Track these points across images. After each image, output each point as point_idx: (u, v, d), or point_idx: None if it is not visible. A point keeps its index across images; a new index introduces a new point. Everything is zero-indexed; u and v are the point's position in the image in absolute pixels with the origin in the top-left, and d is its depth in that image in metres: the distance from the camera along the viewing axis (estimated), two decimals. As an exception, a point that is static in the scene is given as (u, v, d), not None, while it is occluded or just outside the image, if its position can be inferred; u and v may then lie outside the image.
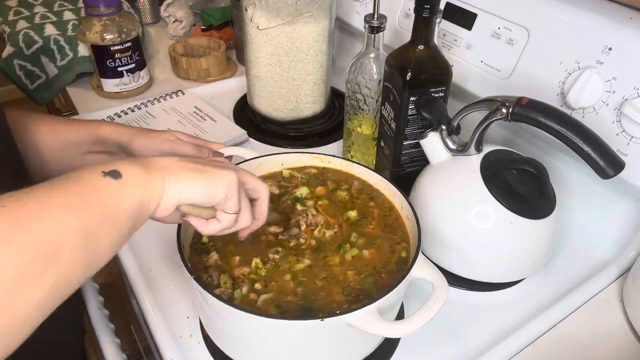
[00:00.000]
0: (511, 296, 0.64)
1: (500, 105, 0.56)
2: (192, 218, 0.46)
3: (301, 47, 0.82)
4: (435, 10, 0.60)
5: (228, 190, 0.45)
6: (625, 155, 0.60)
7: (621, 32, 0.60)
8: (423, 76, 0.63)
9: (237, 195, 0.46)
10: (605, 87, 0.60)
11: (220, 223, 0.47)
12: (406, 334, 0.45)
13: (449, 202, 0.61)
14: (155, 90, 1.03)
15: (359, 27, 0.95)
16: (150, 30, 1.27)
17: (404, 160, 0.71)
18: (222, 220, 0.47)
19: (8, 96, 1.53)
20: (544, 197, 0.60)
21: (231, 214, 0.46)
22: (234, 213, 0.46)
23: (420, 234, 0.52)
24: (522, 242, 0.60)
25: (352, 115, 0.78)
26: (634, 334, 0.60)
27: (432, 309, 0.45)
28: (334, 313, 0.45)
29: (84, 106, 0.97)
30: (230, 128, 0.89)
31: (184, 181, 0.43)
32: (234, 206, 0.46)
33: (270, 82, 0.86)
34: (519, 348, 0.57)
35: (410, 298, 0.60)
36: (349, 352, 0.51)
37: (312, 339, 0.47)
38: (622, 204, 0.67)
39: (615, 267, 0.66)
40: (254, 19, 0.80)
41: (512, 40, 0.70)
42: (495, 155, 0.61)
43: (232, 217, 0.47)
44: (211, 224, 0.47)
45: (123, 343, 0.66)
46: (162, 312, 0.60)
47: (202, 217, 0.46)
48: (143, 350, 1.04)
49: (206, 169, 0.44)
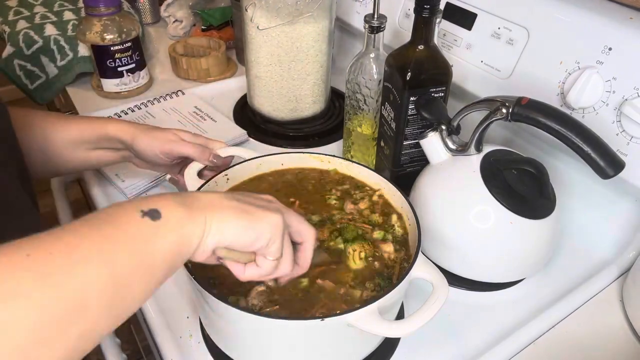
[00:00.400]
0: (511, 296, 0.64)
1: (500, 105, 0.56)
2: (229, 262, 0.43)
3: (301, 47, 0.82)
4: (435, 10, 0.60)
5: (272, 235, 0.41)
6: (625, 155, 0.60)
7: (621, 32, 0.60)
8: (423, 76, 0.63)
9: (280, 240, 0.42)
10: (605, 87, 0.60)
11: (259, 269, 0.43)
12: (406, 334, 0.45)
13: (449, 202, 0.61)
14: (155, 90, 1.03)
15: (359, 27, 0.95)
16: (150, 30, 1.27)
17: (404, 160, 0.71)
18: (262, 266, 0.43)
19: (8, 96, 1.53)
20: (544, 197, 0.60)
21: (272, 260, 0.43)
22: (275, 259, 0.43)
23: (420, 234, 0.52)
24: (522, 242, 0.60)
25: (352, 115, 0.78)
26: (634, 334, 0.60)
27: (432, 309, 0.45)
28: (334, 313, 0.45)
29: (84, 106, 0.97)
30: (230, 128, 0.89)
31: (226, 222, 0.39)
32: (276, 252, 0.43)
33: (270, 82, 0.86)
34: (519, 348, 0.57)
35: (410, 298, 0.60)
36: (349, 352, 0.51)
37: (312, 338, 0.47)
38: (622, 204, 0.67)
39: (615, 267, 0.66)
40: (254, 19, 0.80)
41: (512, 40, 0.70)
42: (495, 155, 0.61)
43: (273, 263, 0.43)
44: (249, 269, 0.44)
45: (123, 343, 0.66)
46: (162, 312, 0.60)
47: (240, 262, 0.43)
48: (143, 350, 1.05)
49: (251, 210, 0.41)
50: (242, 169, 0.62)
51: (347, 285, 0.51)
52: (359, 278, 0.52)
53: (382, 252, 0.55)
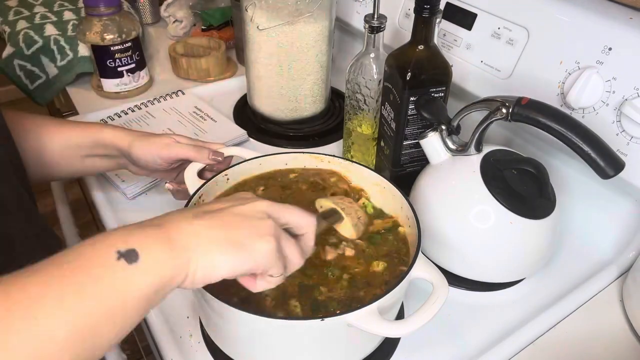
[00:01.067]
0: (511, 296, 0.64)
1: (500, 105, 0.56)
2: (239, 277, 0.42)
3: (301, 47, 0.82)
4: (435, 10, 0.60)
5: (267, 262, 0.40)
6: (625, 155, 0.60)
7: (621, 32, 0.60)
8: (423, 76, 0.63)
9: (278, 262, 0.41)
10: (605, 87, 0.60)
11: (269, 281, 0.42)
12: (406, 334, 0.45)
13: (449, 202, 0.61)
14: (155, 90, 1.03)
15: (359, 27, 0.95)
16: (150, 30, 1.27)
17: (403, 160, 0.71)
18: (271, 281, 0.42)
19: (8, 96, 1.53)
20: (544, 197, 0.60)
21: (278, 276, 0.42)
22: (280, 274, 0.42)
23: (420, 234, 0.52)
24: (522, 242, 0.60)
25: (352, 115, 0.78)
26: (634, 334, 0.60)
27: (432, 308, 0.45)
28: (334, 313, 0.45)
29: (84, 106, 0.97)
30: (230, 128, 0.89)
31: (215, 262, 0.37)
32: (278, 270, 0.41)
33: (270, 82, 0.86)
34: (519, 348, 0.57)
35: (410, 298, 0.60)
36: (349, 352, 0.51)
37: (312, 338, 0.47)
38: (622, 204, 0.67)
39: (615, 267, 0.66)
40: (254, 19, 0.80)
41: (512, 40, 0.70)
42: (495, 155, 0.61)
43: (280, 275, 0.42)
44: (260, 282, 0.42)
45: (123, 343, 0.66)
46: (162, 312, 0.60)
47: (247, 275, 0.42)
48: (143, 350, 1.05)
49: (239, 240, 0.39)
50: (242, 169, 0.62)
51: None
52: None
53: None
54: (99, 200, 0.76)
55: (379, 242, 0.57)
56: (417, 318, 0.45)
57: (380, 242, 0.57)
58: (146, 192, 0.77)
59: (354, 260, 0.54)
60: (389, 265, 0.54)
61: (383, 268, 0.54)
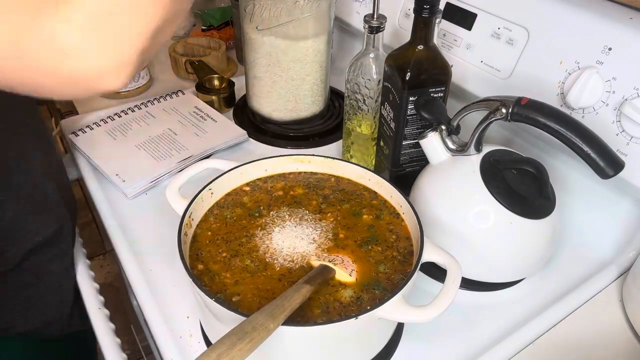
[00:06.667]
0: (511, 296, 0.64)
1: (500, 105, 0.56)
2: None
3: (300, 48, 0.82)
4: (435, 10, 0.60)
5: None
6: (625, 155, 0.60)
7: (621, 32, 0.60)
8: (422, 76, 0.63)
9: None
10: (605, 87, 0.60)
11: None
12: (436, 316, 0.45)
13: (449, 203, 0.61)
14: (155, 90, 1.03)
15: (359, 27, 0.95)
16: (150, 30, 1.26)
17: (403, 160, 0.71)
18: None
19: (8, 96, 1.53)
20: (544, 197, 0.60)
21: None
22: None
23: (421, 227, 0.52)
24: (522, 242, 0.60)
25: (351, 115, 0.78)
26: (634, 334, 0.60)
27: (453, 288, 0.46)
28: (365, 309, 0.45)
29: (84, 106, 0.97)
30: (230, 128, 0.89)
31: None
32: None
33: (269, 83, 0.86)
34: (519, 348, 0.57)
35: (411, 298, 0.60)
36: (351, 354, 0.51)
37: (311, 343, 0.47)
38: (622, 204, 0.67)
39: (615, 267, 0.66)
40: (253, 19, 0.81)
41: (512, 40, 0.70)
42: (495, 155, 0.61)
43: None
44: None
45: (123, 343, 0.66)
46: (162, 312, 0.60)
47: None
48: (143, 350, 1.05)
49: None
50: (224, 181, 0.61)
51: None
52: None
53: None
54: (99, 200, 0.76)
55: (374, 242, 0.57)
56: (442, 299, 0.46)
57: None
58: (146, 192, 0.77)
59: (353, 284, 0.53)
60: (390, 265, 0.54)
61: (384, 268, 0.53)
